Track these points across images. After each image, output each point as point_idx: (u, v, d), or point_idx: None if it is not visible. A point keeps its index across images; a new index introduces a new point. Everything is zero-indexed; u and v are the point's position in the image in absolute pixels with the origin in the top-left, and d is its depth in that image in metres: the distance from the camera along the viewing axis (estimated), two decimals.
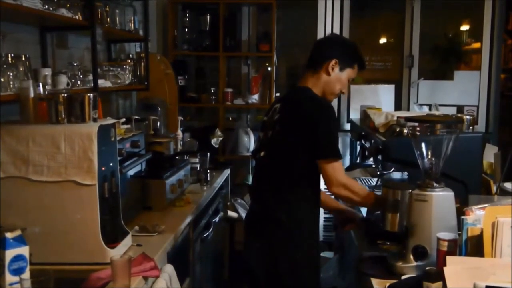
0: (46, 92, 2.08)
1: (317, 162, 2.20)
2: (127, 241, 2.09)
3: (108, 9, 2.89)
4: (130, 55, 3.44)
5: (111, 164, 2.00)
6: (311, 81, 2.37)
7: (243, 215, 3.93)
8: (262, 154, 2.34)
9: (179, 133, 3.56)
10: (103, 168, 1.90)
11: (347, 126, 4.76)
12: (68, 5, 2.35)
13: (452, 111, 4.56)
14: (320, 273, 2.44)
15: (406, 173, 2.69)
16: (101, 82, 2.73)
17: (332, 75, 2.34)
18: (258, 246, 2.31)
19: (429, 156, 1.87)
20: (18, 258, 1.59)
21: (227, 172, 3.95)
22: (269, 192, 2.31)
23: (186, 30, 4.60)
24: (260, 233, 2.31)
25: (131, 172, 2.51)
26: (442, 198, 1.82)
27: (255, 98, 4.60)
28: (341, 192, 2.19)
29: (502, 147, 2.74)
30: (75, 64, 2.61)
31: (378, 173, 2.92)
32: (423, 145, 1.89)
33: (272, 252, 2.26)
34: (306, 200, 2.29)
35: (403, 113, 2.95)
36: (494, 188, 2.40)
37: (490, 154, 2.75)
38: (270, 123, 2.36)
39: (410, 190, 1.88)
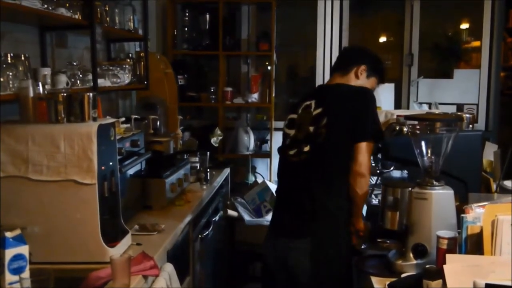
0: (46, 92, 2.07)
1: (357, 145, 2.25)
2: (127, 240, 2.09)
3: (107, 9, 2.88)
4: (130, 55, 3.44)
5: (110, 163, 1.99)
6: (339, 82, 2.48)
7: (243, 214, 3.94)
8: (306, 149, 2.35)
9: (179, 132, 3.56)
10: (102, 168, 1.90)
11: None
12: (67, 5, 2.35)
13: (452, 109, 4.57)
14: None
15: (405, 171, 2.69)
16: (101, 82, 2.73)
17: (360, 79, 2.47)
18: (300, 245, 2.31)
19: (429, 155, 1.87)
20: (17, 257, 1.59)
21: (227, 171, 3.95)
22: (318, 185, 2.32)
23: (186, 29, 4.60)
24: (304, 231, 2.32)
25: (131, 172, 2.51)
26: (441, 196, 1.82)
27: (254, 97, 4.60)
28: (367, 174, 2.27)
29: (502, 145, 2.75)
30: (74, 63, 2.60)
31: (378, 171, 2.92)
32: (422, 143, 1.89)
33: (319, 245, 2.29)
34: (348, 188, 2.32)
35: (403, 112, 2.94)
36: (493, 186, 2.40)
37: (490, 152, 2.75)
38: (305, 119, 2.39)
39: (409, 189, 1.88)
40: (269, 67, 4.61)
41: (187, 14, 4.58)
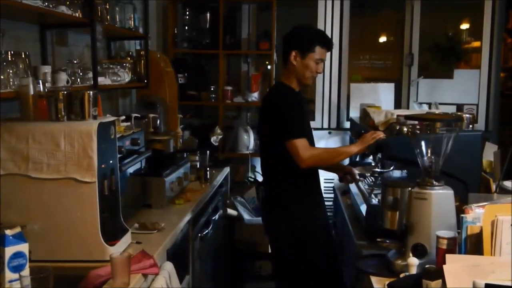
0: (46, 90, 2.08)
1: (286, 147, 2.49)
2: (127, 239, 2.09)
3: (108, 7, 2.88)
4: (130, 53, 3.44)
5: (110, 161, 2.00)
6: (284, 76, 2.74)
7: (243, 213, 3.94)
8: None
9: (179, 131, 3.56)
10: (102, 166, 1.90)
11: (347, 124, 4.75)
12: (68, 3, 2.35)
13: (451, 109, 4.56)
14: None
15: (405, 171, 2.68)
16: (101, 80, 2.73)
17: (297, 64, 2.63)
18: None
19: (429, 155, 1.87)
20: (17, 255, 1.59)
21: (226, 170, 3.95)
22: (265, 179, 2.74)
23: (186, 28, 4.59)
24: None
25: (130, 170, 2.51)
26: (441, 196, 1.82)
27: (255, 96, 4.59)
28: (310, 164, 2.49)
29: (502, 146, 2.74)
30: (75, 61, 2.60)
31: (378, 171, 2.92)
32: (422, 143, 1.89)
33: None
34: (292, 178, 2.61)
35: (403, 112, 2.94)
36: (493, 187, 2.40)
37: (489, 152, 2.75)
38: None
39: (409, 188, 1.88)
40: (269, 66, 4.61)
41: (187, 12, 4.58)
